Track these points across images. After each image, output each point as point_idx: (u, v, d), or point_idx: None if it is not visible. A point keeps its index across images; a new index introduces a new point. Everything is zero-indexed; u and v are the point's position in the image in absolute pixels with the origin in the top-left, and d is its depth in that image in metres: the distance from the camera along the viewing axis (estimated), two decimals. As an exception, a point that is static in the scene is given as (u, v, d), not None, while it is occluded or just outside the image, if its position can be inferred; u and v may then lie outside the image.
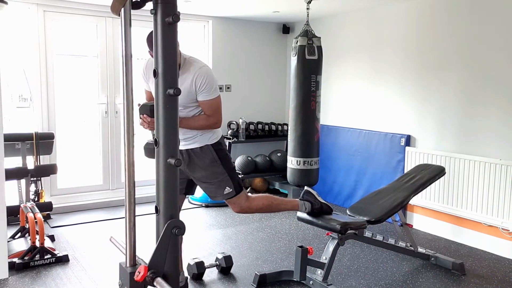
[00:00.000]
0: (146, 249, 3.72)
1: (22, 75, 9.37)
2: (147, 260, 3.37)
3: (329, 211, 5.97)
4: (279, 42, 11.43)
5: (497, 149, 7.31)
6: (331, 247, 5.81)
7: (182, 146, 5.40)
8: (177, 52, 3.39)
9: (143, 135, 8.91)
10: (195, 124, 5.26)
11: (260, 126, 10.85)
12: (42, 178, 8.20)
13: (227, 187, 5.39)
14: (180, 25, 3.41)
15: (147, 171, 9.09)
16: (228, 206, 5.57)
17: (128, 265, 3.43)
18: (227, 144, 9.82)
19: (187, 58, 5.33)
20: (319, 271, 5.86)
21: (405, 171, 8.18)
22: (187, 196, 5.99)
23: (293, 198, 5.94)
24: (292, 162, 8.24)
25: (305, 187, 6.13)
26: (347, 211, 6.23)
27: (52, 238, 7.51)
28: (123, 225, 3.52)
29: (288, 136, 8.38)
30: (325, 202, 6.00)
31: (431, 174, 6.81)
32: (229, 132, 10.31)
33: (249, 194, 5.66)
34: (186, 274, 6.06)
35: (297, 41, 8.02)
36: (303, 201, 5.91)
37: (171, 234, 3.38)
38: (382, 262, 6.90)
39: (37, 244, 6.55)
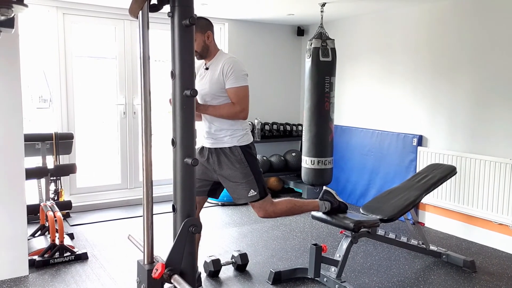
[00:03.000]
0: (163, 247, 3.73)
1: (42, 76, 9.42)
2: (165, 258, 3.38)
3: (345, 209, 5.99)
4: (293, 44, 11.43)
5: (507, 149, 7.28)
6: (344, 245, 5.82)
7: (212, 144, 5.43)
8: (193, 54, 3.40)
9: (160, 136, 8.95)
10: (220, 111, 5.26)
11: (275, 127, 10.86)
12: (61, 177, 8.21)
13: (251, 190, 5.35)
14: (197, 28, 3.42)
15: (165, 170, 9.12)
16: (245, 205, 5.54)
17: (146, 262, 3.44)
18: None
19: (223, 52, 5.45)
20: (333, 269, 5.85)
21: (417, 171, 8.17)
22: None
23: (310, 199, 5.92)
24: (307, 162, 8.24)
25: (324, 187, 6.13)
26: (361, 210, 6.23)
27: (71, 236, 7.54)
28: (141, 223, 3.52)
29: (303, 136, 8.38)
30: (342, 201, 6.01)
31: (443, 173, 6.79)
32: (245, 132, 10.17)
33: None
34: (199, 270, 6.06)
35: (312, 43, 8.03)
36: (323, 201, 5.92)
37: (188, 232, 3.38)
38: (394, 260, 6.89)
39: (57, 242, 6.57)
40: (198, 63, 5.57)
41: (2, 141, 5.80)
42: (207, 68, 5.39)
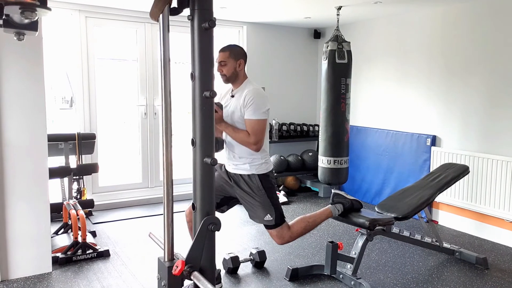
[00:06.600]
0: (183, 244, 3.73)
1: (65, 78, 9.45)
2: (185, 255, 3.38)
3: (359, 206, 5.95)
4: (310, 47, 11.42)
5: (520, 149, 7.29)
6: (360, 242, 5.81)
7: (232, 169, 5.48)
8: (212, 56, 3.40)
9: (180, 136, 8.96)
10: (236, 135, 5.27)
11: (292, 127, 10.87)
12: (84, 177, 8.24)
13: (268, 215, 5.36)
14: (216, 31, 3.42)
15: (185, 169, 9.13)
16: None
17: (166, 259, 3.44)
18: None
19: (250, 82, 5.44)
20: (348, 265, 5.85)
21: (431, 170, 8.13)
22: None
23: (322, 208, 5.92)
24: (323, 161, 8.23)
25: (333, 191, 6.13)
26: (376, 208, 6.21)
27: (93, 234, 7.58)
28: (161, 221, 3.53)
29: (319, 136, 8.36)
30: (354, 198, 5.98)
31: (456, 172, 6.77)
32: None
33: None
34: (218, 267, 6.06)
35: (328, 46, 8.01)
36: (334, 205, 5.88)
37: (207, 230, 3.39)
38: (409, 257, 6.87)
39: (79, 239, 6.60)
40: (225, 89, 5.63)
41: (26, 141, 5.84)
42: (232, 96, 5.43)
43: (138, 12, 8.99)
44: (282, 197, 9.81)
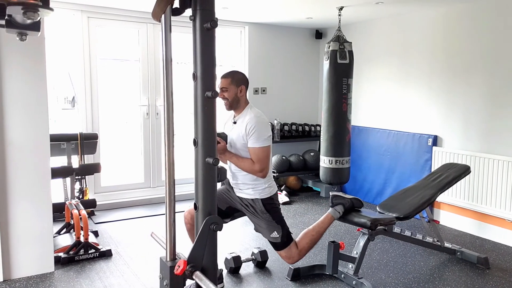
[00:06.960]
0: (185, 244, 3.73)
1: (67, 78, 9.43)
2: (187, 255, 3.38)
3: (360, 204, 5.96)
4: (312, 47, 11.41)
5: (520, 149, 7.30)
6: (361, 242, 5.80)
7: (236, 192, 5.59)
8: (214, 56, 3.41)
9: (182, 136, 8.94)
10: (241, 164, 5.35)
11: (294, 127, 10.86)
12: (86, 177, 8.25)
13: (275, 232, 5.45)
14: (218, 31, 3.42)
15: (187, 169, 9.12)
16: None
17: (168, 259, 3.45)
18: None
19: (252, 108, 5.48)
20: (350, 265, 5.85)
21: (432, 170, 8.14)
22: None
23: (322, 216, 5.94)
24: (325, 161, 8.23)
25: (331, 193, 6.13)
26: (377, 208, 6.22)
27: (96, 233, 7.57)
28: (163, 221, 3.53)
29: (321, 136, 8.37)
30: (353, 197, 5.98)
31: (457, 172, 6.77)
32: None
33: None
34: (220, 267, 6.06)
35: (329, 46, 8.01)
36: (334, 208, 5.89)
37: (209, 230, 3.39)
38: (410, 257, 6.87)
39: (82, 239, 6.61)
40: (227, 116, 5.70)
41: (29, 141, 5.84)
42: (235, 122, 5.49)
43: (140, 13, 8.98)
44: (283, 197, 9.82)
